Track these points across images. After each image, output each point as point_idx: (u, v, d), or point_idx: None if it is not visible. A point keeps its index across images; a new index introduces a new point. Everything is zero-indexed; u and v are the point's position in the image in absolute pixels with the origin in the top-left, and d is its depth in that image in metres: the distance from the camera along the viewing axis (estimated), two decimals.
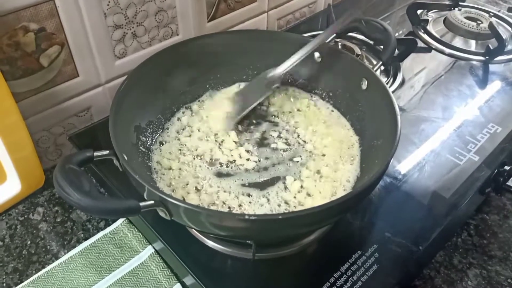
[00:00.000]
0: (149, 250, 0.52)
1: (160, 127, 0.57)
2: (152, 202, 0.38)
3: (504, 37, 0.77)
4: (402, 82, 0.72)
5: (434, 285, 0.52)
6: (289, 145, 0.56)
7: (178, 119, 0.58)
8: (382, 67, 0.57)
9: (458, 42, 0.82)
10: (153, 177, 0.51)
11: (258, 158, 0.54)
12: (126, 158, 0.42)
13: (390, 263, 0.47)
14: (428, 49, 0.81)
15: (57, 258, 0.53)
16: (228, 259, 0.48)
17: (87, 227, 0.57)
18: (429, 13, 0.91)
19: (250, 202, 0.48)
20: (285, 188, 0.50)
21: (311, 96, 0.62)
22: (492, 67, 0.77)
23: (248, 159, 0.54)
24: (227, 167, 0.53)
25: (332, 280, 0.45)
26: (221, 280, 0.46)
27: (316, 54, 0.60)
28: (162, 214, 0.39)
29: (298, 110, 0.61)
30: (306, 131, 0.57)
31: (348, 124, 0.58)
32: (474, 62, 0.78)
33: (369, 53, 0.76)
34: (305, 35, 0.77)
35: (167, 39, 0.67)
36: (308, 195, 0.49)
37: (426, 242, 0.48)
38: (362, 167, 0.52)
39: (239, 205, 0.48)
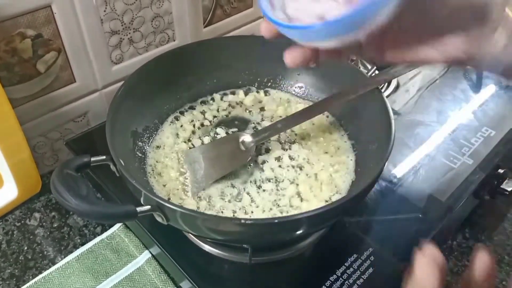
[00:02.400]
0: (146, 255, 0.52)
1: (157, 132, 0.57)
2: (149, 207, 0.39)
3: None
4: (397, 87, 0.73)
5: None
6: (284, 149, 0.56)
7: (175, 124, 0.59)
8: (377, 72, 0.57)
9: None
10: (149, 182, 0.51)
11: (253, 163, 0.54)
12: (123, 163, 0.42)
13: (386, 267, 0.47)
14: None
15: (53, 264, 0.53)
16: (225, 263, 0.48)
17: (84, 232, 0.57)
18: None
19: (245, 206, 0.49)
20: (281, 192, 0.50)
21: (305, 101, 0.63)
22: (486, 72, 0.77)
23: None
24: None
25: (328, 283, 0.45)
26: (218, 285, 0.46)
27: None
28: (159, 219, 0.40)
29: None
30: (301, 136, 0.58)
31: (343, 128, 0.58)
32: (469, 67, 0.78)
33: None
34: None
35: (164, 44, 0.68)
36: (304, 199, 0.50)
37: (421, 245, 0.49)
38: (357, 171, 0.52)
39: (235, 210, 0.48)
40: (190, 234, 0.50)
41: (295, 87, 0.64)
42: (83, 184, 0.38)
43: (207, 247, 0.49)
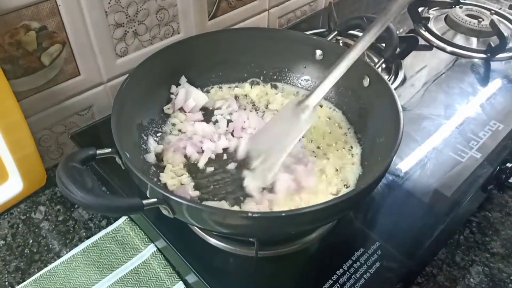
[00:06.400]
0: (151, 248, 0.52)
1: (162, 125, 0.57)
2: (155, 200, 0.38)
3: (505, 34, 0.77)
4: (404, 80, 0.72)
5: (436, 282, 0.52)
6: None
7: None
8: (384, 65, 0.57)
9: (459, 39, 0.82)
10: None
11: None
12: (128, 156, 0.42)
13: (393, 261, 0.47)
14: (430, 47, 0.81)
15: (59, 257, 0.53)
16: (231, 257, 0.48)
17: (89, 226, 0.57)
18: (430, 11, 0.91)
19: (252, 200, 0.48)
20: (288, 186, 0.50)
21: None
22: (493, 65, 0.77)
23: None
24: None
25: (334, 277, 0.45)
26: (224, 278, 0.46)
27: (318, 52, 0.60)
28: (165, 212, 0.39)
29: None
30: (308, 130, 0.57)
31: (349, 122, 0.58)
32: (476, 60, 0.77)
33: (370, 51, 0.76)
34: (307, 33, 0.77)
35: (168, 37, 0.67)
36: (311, 193, 0.49)
37: (428, 239, 0.48)
38: (364, 165, 0.52)
39: (242, 203, 0.48)
40: (195, 228, 0.49)
41: (302, 80, 0.63)
42: (89, 177, 0.37)
43: (213, 241, 0.48)
